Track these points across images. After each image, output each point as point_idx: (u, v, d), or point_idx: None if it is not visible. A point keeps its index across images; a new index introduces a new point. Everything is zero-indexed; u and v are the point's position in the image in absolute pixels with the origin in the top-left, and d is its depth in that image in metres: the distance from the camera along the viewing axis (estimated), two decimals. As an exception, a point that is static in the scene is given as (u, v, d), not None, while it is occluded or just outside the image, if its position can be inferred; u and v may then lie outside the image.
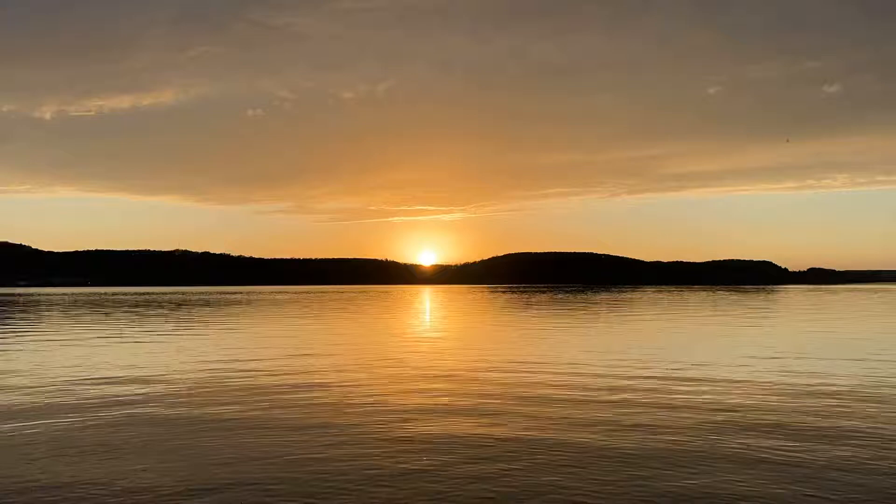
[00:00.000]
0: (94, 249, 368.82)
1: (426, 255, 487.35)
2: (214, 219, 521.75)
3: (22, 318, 51.25)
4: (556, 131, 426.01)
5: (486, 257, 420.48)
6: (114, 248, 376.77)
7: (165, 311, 60.89)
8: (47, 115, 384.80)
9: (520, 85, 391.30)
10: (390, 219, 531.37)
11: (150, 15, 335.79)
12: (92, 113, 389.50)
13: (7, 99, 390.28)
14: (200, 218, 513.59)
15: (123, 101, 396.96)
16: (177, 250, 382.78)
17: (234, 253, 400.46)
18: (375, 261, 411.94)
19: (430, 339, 33.37)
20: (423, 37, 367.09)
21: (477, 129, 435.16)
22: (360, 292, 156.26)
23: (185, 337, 33.86)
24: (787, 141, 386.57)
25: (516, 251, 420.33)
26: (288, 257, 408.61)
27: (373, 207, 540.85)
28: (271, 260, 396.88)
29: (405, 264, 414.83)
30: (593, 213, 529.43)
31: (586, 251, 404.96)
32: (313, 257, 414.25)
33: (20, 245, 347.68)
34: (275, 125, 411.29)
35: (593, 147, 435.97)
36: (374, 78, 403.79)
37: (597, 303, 79.65)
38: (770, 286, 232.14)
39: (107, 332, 37.35)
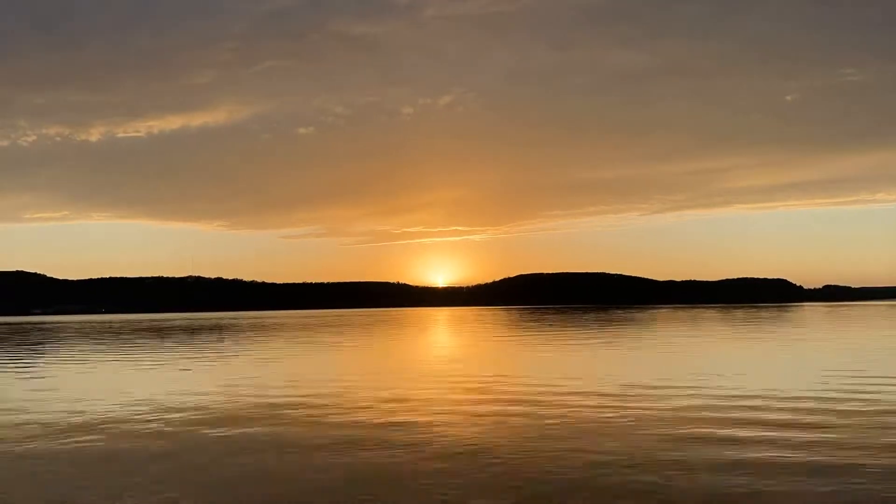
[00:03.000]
0: (108, 277, 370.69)
1: (443, 277, 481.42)
2: (239, 244, 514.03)
3: (37, 346, 51.74)
4: (617, 145, 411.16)
5: (497, 279, 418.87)
6: (129, 275, 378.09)
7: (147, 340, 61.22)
8: (94, 138, 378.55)
9: (588, 95, 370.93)
10: (422, 240, 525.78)
11: (222, 28, 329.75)
12: (141, 134, 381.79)
13: (55, 121, 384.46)
14: (225, 243, 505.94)
15: (174, 122, 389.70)
16: (189, 276, 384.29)
17: (247, 278, 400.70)
18: (386, 284, 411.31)
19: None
20: (498, 44, 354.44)
21: (532, 144, 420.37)
22: (355, 317, 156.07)
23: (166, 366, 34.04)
24: None
25: (530, 272, 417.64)
26: (300, 282, 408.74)
27: (410, 228, 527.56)
28: (283, 285, 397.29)
29: (416, 286, 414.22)
30: (626, 232, 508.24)
31: (598, 271, 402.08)
32: (327, 281, 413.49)
33: (35, 273, 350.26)
34: (324, 144, 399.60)
35: (652, 161, 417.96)
36: (438, 90, 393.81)
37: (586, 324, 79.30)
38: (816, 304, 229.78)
39: (113, 358, 37.66)
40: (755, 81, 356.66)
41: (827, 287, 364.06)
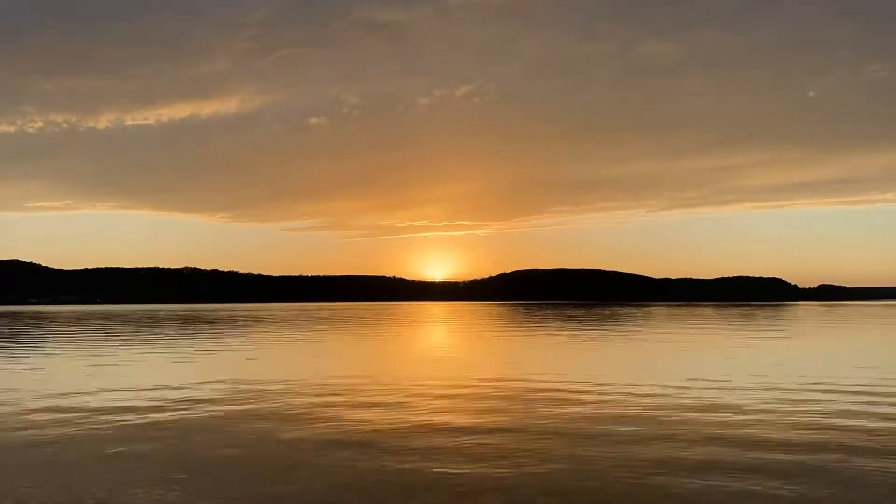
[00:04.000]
0: (104, 267, 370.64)
1: (441, 272, 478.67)
2: (242, 236, 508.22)
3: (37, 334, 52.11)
4: (634, 141, 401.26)
5: (493, 274, 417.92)
6: (124, 266, 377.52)
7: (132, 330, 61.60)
8: (101, 126, 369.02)
9: (609, 89, 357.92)
10: (426, 234, 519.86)
11: (244, 14, 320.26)
12: (150, 122, 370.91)
13: (63, 107, 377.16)
14: (228, 235, 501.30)
15: (184, 110, 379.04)
16: (185, 268, 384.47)
17: (244, 270, 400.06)
18: (382, 278, 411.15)
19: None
20: (525, 34, 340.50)
21: (547, 138, 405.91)
22: (333, 310, 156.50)
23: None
24: None
25: (525, 268, 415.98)
26: (296, 275, 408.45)
27: (416, 223, 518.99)
28: (278, 277, 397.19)
29: (412, 281, 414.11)
30: (633, 229, 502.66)
31: (593, 268, 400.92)
32: (323, 274, 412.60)
33: (30, 263, 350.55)
34: (335, 135, 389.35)
35: (668, 158, 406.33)
36: (457, 81, 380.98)
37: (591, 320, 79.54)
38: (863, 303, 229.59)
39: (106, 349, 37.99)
40: (780, 76, 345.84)
41: (822, 286, 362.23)
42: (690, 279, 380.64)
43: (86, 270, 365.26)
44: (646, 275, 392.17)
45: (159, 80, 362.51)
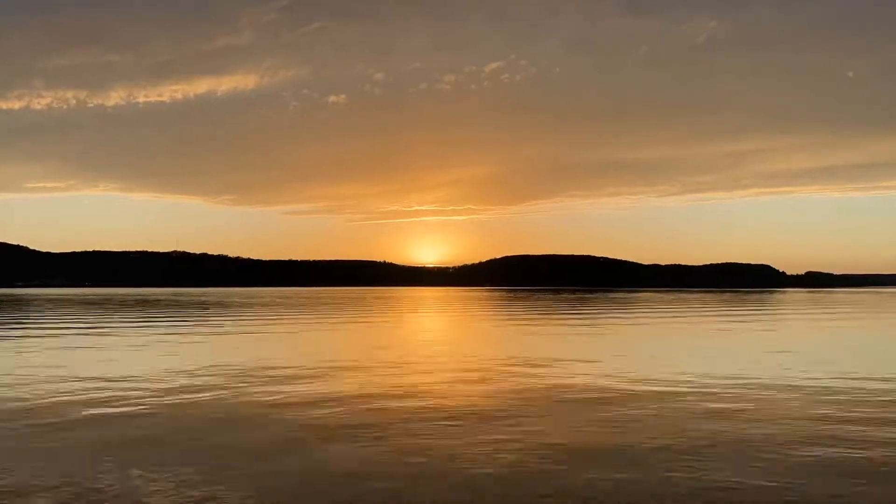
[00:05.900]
0: (91, 250, 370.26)
1: (433, 257, 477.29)
2: (242, 219, 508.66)
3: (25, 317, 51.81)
4: (661, 125, 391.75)
5: (483, 260, 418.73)
6: (114, 249, 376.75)
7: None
8: (111, 102, 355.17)
9: (645, 68, 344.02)
10: (428, 218, 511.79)
11: None
12: (164, 99, 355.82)
13: (73, 83, 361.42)
14: (228, 218, 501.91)
15: (200, 86, 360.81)
16: (174, 251, 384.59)
17: (233, 254, 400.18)
18: (371, 263, 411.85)
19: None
20: (567, 6, 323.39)
21: (573, 120, 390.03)
22: (293, 296, 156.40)
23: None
24: None
25: (516, 254, 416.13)
26: (285, 259, 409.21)
27: (423, 206, 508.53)
28: (267, 262, 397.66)
29: (401, 266, 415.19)
30: (638, 215, 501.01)
31: (584, 254, 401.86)
32: (313, 259, 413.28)
33: (17, 246, 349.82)
34: (353, 114, 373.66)
35: (692, 141, 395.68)
36: (488, 57, 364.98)
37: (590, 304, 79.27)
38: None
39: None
40: (821, 55, 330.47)
41: (809, 273, 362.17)
42: (679, 265, 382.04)
43: (74, 253, 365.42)
44: (636, 261, 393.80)
45: (178, 53, 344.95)
